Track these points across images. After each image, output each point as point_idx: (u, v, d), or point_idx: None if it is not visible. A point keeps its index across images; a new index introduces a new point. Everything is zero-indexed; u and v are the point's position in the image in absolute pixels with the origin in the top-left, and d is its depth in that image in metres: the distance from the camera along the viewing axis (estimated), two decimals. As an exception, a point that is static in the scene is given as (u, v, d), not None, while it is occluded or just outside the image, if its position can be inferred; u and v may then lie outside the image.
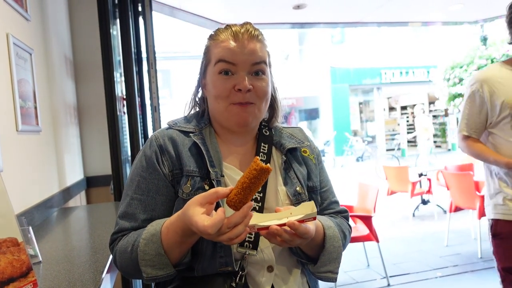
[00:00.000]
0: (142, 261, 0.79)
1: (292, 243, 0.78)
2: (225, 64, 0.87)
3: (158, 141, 0.90)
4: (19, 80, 1.58)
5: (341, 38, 14.52)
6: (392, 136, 17.71)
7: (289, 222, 0.75)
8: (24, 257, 0.91)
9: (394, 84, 15.18)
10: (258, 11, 4.31)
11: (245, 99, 0.86)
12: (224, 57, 0.87)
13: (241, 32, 0.87)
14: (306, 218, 0.77)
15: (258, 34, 0.89)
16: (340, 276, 3.53)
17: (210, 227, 0.68)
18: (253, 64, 0.87)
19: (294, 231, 0.76)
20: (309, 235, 0.79)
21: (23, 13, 1.70)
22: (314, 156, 1.01)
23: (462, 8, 4.85)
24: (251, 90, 0.87)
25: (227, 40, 0.87)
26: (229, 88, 0.87)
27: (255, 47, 0.88)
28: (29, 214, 1.53)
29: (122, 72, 2.57)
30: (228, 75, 0.87)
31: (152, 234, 0.79)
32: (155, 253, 0.78)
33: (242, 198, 0.71)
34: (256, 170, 0.70)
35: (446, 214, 4.64)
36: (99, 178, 2.64)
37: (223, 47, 0.87)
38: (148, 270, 0.79)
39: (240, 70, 0.87)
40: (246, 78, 0.86)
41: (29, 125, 1.66)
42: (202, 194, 0.73)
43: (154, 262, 0.79)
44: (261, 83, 0.89)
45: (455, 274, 3.50)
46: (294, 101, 15.90)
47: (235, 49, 0.86)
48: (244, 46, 0.87)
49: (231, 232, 0.70)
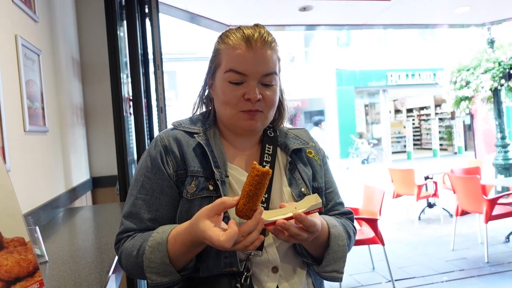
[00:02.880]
0: (148, 268, 0.80)
1: (299, 237, 0.78)
2: (236, 75, 0.86)
3: (163, 141, 0.91)
4: (27, 81, 1.59)
5: (347, 40, 14.47)
6: (398, 139, 17.63)
7: (295, 214, 0.76)
8: (31, 256, 0.91)
9: (400, 87, 15.09)
10: (264, 13, 4.32)
11: (254, 108, 0.87)
12: (236, 68, 0.86)
13: (254, 38, 0.86)
14: (312, 210, 0.78)
15: (271, 41, 0.88)
16: (345, 279, 3.51)
17: (226, 242, 0.69)
18: (264, 76, 0.87)
19: (300, 223, 0.76)
20: (316, 228, 0.78)
21: (32, 14, 1.72)
22: (319, 157, 1.01)
23: (469, 11, 4.81)
24: (260, 100, 0.87)
25: (239, 46, 0.86)
26: (239, 96, 0.87)
27: (267, 56, 0.87)
28: (35, 214, 1.55)
29: (129, 74, 2.58)
30: (238, 85, 0.87)
31: (158, 243, 0.80)
32: (160, 262, 0.79)
33: (251, 206, 0.72)
34: (257, 175, 0.71)
35: (452, 218, 4.61)
36: (105, 178, 2.66)
37: (235, 55, 0.86)
38: (153, 277, 0.80)
39: (251, 80, 0.86)
40: (256, 88, 0.86)
41: (36, 125, 1.67)
42: (208, 207, 0.74)
43: (159, 270, 0.80)
44: (271, 92, 0.89)
45: (461, 279, 3.46)
46: (300, 103, 15.88)
47: (247, 59, 0.85)
48: (256, 55, 0.86)
49: (246, 240, 0.71)
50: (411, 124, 16.28)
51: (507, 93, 5.70)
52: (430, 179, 5.62)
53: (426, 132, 19.05)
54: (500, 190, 5.53)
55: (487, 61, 5.54)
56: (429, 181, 5.59)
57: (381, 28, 6.40)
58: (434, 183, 5.50)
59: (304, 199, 0.81)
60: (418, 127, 19.76)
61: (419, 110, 19.75)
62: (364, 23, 5.01)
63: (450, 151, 17.33)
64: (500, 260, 3.82)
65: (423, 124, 19.59)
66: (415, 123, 19.66)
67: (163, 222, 0.87)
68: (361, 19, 4.86)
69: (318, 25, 5.17)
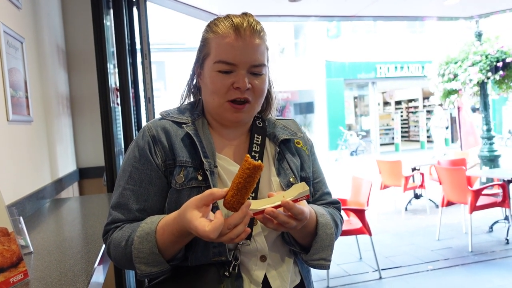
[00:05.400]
0: (136, 258, 0.79)
1: (288, 225, 0.78)
2: (226, 65, 0.86)
3: (151, 131, 0.90)
4: (9, 69, 1.55)
5: (336, 32, 14.46)
6: (386, 131, 17.81)
7: (283, 202, 0.76)
8: (14, 247, 0.90)
9: (389, 79, 15.20)
10: (254, 3, 4.28)
11: (243, 96, 0.87)
12: (225, 59, 0.86)
13: (243, 26, 0.85)
14: (300, 197, 0.78)
15: (260, 30, 0.88)
16: (333, 269, 3.56)
17: (211, 232, 0.69)
18: (253, 65, 0.87)
19: (289, 211, 0.77)
20: (304, 216, 0.79)
21: (14, 1, 1.67)
22: (307, 148, 1.02)
23: (458, 4, 4.85)
24: (249, 89, 0.87)
25: (228, 35, 0.85)
26: (228, 85, 0.87)
27: (256, 45, 0.87)
28: (20, 205, 1.52)
29: (116, 63, 2.54)
30: (227, 74, 0.87)
31: (147, 233, 0.79)
32: (149, 252, 0.79)
33: (239, 199, 0.71)
34: (249, 168, 0.70)
35: (438, 209, 4.69)
36: (92, 169, 2.63)
37: (224, 45, 0.85)
38: (142, 267, 0.80)
39: (240, 69, 0.86)
40: (246, 77, 0.86)
41: (20, 115, 1.64)
42: (197, 197, 0.73)
43: (148, 260, 0.79)
44: (260, 81, 0.89)
45: (446, 268, 3.54)
46: (289, 95, 15.88)
47: (236, 48, 0.85)
48: (246, 44, 0.85)
49: (232, 232, 0.71)
50: (400, 116, 16.43)
51: (493, 86, 5.78)
52: (417, 171, 5.70)
53: (414, 125, 19.27)
54: (485, 182, 5.64)
55: (475, 54, 5.60)
56: (416, 173, 5.67)
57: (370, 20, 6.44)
58: (421, 174, 5.59)
59: (292, 187, 0.81)
60: (406, 120, 19.98)
61: (407, 102, 19.95)
62: (354, 15, 5.01)
63: (437, 143, 17.57)
64: (484, 250, 3.91)
65: (411, 116, 19.81)
66: (403, 115, 19.86)
67: (151, 213, 0.86)
68: (351, 11, 4.85)
69: (308, 16, 5.15)
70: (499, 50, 5.50)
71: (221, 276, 0.84)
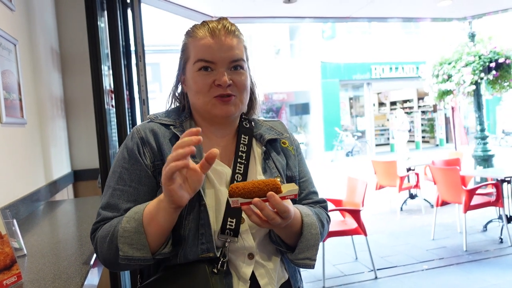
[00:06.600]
0: (121, 237, 0.80)
1: (273, 221, 0.79)
2: (205, 63, 0.90)
3: (139, 133, 0.92)
4: (3, 71, 1.55)
5: (332, 33, 14.49)
6: (382, 132, 17.87)
7: (269, 194, 0.77)
8: (7, 249, 0.90)
9: (384, 80, 15.26)
10: (248, 4, 4.29)
11: (226, 91, 0.90)
12: (203, 57, 0.90)
13: (218, 28, 0.90)
14: (288, 195, 0.80)
15: (234, 30, 0.93)
16: (328, 269, 3.57)
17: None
18: (232, 61, 0.91)
19: (274, 206, 0.78)
20: (289, 214, 0.80)
21: (7, 2, 1.67)
22: (294, 148, 1.05)
23: (451, 5, 4.89)
24: (231, 85, 0.90)
25: (204, 37, 0.90)
26: (209, 83, 0.90)
27: (232, 43, 0.91)
28: (14, 207, 1.52)
29: (110, 65, 2.53)
30: (207, 71, 0.90)
31: (135, 212, 0.82)
32: (134, 231, 0.79)
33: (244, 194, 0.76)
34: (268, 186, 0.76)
35: (433, 208, 4.72)
36: (86, 171, 2.62)
37: (201, 46, 0.90)
38: (125, 248, 0.80)
39: (219, 67, 0.90)
40: (225, 73, 0.90)
41: (13, 117, 1.63)
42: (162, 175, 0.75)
43: (132, 240, 0.80)
44: (240, 76, 0.92)
45: (441, 267, 3.56)
46: (285, 96, 15.89)
47: (213, 47, 0.89)
48: (222, 42, 0.90)
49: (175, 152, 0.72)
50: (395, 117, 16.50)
51: (487, 86, 5.83)
52: (412, 171, 5.73)
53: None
54: (479, 181, 5.68)
55: (468, 54, 5.65)
56: (411, 173, 5.70)
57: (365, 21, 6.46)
58: (416, 174, 5.62)
59: (282, 186, 0.82)
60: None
61: (402, 103, 20.03)
62: (349, 16, 5.03)
63: (432, 143, 17.67)
64: (478, 249, 3.94)
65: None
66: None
67: None
68: (346, 12, 4.88)
69: (303, 18, 5.17)
70: (492, 50, 5.55)
71: (210, 273, 0.85)
